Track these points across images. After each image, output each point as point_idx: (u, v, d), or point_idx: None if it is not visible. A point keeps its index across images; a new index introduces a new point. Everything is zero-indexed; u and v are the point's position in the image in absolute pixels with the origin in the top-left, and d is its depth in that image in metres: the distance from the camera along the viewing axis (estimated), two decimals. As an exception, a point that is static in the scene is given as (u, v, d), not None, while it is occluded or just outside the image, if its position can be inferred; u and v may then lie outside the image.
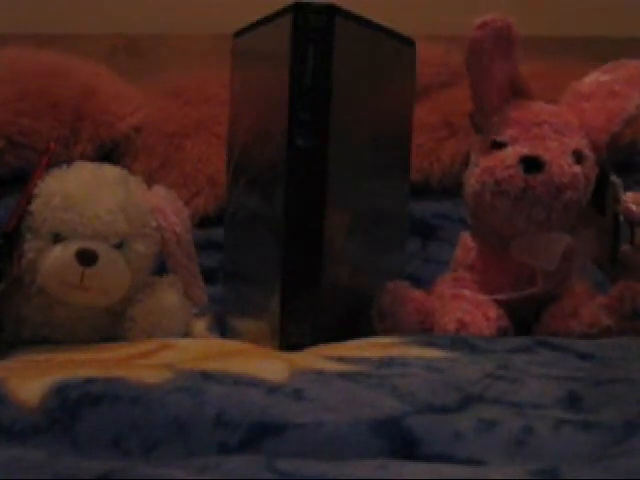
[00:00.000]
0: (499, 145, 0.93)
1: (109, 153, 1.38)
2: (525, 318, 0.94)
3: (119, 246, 0.89)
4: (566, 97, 0.99)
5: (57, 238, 0.88)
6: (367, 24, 0.90)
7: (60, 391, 0.65)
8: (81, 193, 0.89)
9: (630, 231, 0.96)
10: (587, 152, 0.94)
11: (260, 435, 0.61)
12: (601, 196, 0.97)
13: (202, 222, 1.31)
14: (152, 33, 1.60)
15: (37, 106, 1.36)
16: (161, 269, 0.97)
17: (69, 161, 0.95)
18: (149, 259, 0.93)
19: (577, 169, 0.92)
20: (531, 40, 1.47)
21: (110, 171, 0.94)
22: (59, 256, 0.87)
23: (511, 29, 0.92)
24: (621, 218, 0.98)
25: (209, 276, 1.06)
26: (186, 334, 0.94)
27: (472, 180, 0.95)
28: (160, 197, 0.97)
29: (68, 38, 1.55)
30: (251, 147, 0.95)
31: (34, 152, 1.29)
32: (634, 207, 0.95)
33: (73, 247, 0.87)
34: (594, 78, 0.99)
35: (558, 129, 0.93)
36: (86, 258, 0.86)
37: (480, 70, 0.94)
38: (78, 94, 1.39)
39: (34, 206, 0.90)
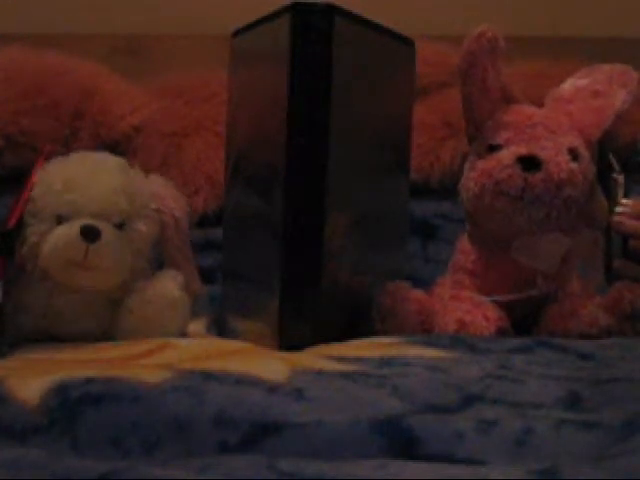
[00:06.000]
0: (495, 148, 0.94)
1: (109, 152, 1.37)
2: (524, 319, 0.94)
3: (120, 226, 0.91)
4: (547, 104, 0.99)
5: (60, 220, 0.90)
6: (367, 24, 0.90)
7: (60, 391, 0.65)
8: (82, 176, 0.92)
9: (623, 241, 0.96)
10: (582, 150, 0.94)
11: (260, 435, 0.60)
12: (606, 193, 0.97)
13: (201, 222, 1.31)
14: (152, 33, 1.60)
15: (37, 106, 1.36)
16: (161, 266, 0.97)
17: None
18: (149, 241, 0.94)
19: (574, 166, 0.92)
20: (531, 40, 1.48)
21: (110, 158, 0.97)
22: (63, 233, 0.88)
23: (498, 39, 0.93)
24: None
25: (208, 276, 1.06)
26: (184, 333, 0.94)
27: (470, 184, 0.95)
28: (158, 184, 0.99)
29: (68, 38, 1.55)
30: (250, 147, 0.95)
31: (34, 152, 1.29)
32: (622, 219, 0.95)
33: (77, 224, 0.88)
34: (571, 83, 1.00)
35: (551, 129, 0.94)
36: (90, 234, 0.87)
37: (477, 81, 0.94)
38: (78, 94, 1.39)
39: (35, 193, 0.92)
